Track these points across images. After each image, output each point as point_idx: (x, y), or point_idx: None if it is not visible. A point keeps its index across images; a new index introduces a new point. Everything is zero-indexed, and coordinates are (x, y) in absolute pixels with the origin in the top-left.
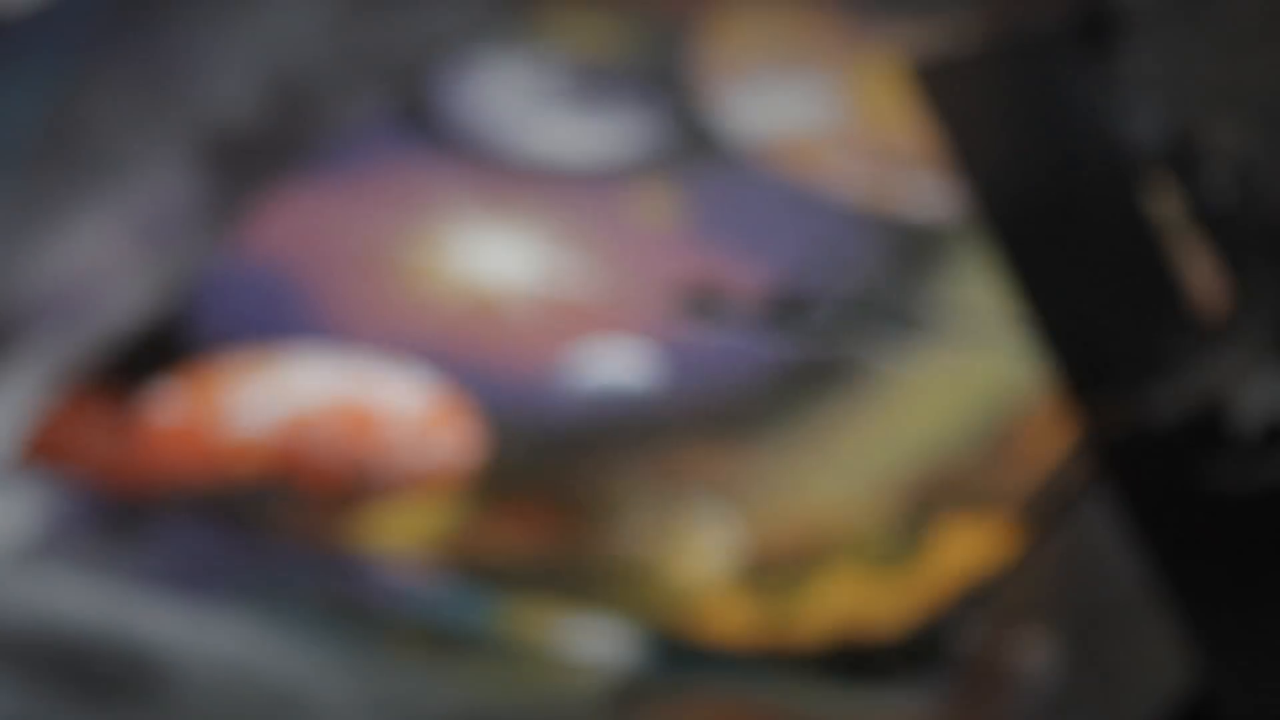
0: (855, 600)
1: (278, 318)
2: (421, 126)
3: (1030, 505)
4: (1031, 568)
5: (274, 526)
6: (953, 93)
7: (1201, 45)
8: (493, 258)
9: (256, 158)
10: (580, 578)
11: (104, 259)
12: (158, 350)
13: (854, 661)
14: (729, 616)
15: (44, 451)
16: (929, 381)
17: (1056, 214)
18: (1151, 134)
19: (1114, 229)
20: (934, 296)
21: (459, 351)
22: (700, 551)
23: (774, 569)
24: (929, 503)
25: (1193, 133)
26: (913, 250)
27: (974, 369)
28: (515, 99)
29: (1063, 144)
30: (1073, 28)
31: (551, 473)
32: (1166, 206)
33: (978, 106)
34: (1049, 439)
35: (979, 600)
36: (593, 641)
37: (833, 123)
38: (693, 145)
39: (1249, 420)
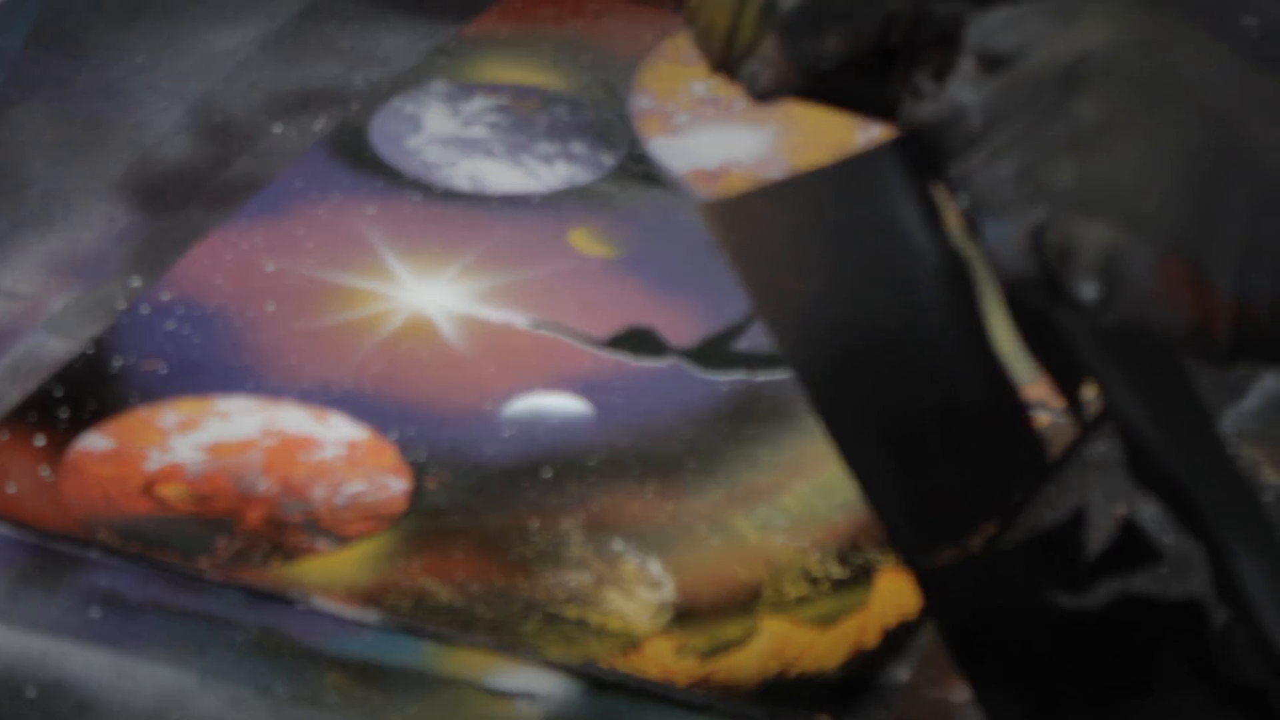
0: (787, 639)
1: (205, 354)
2: (355, 160)
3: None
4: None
5: (200, 563)
6: (749, 228)
7: (1053, 146)
8: (425, 293)
9: (184, 192)
10: (512, 615)
11: (29, 294)
12: (83, 387)
13: (787, 699)
14: (661, 654)
15: None
16: None
17: (873, 351)
18: (1007, 242)
19: (942, 361)
20: None
21: (389, 389)
22: (633, 590)
23: (706, 607)
24: (859, 543)
25: (1054, 234)
26: None
27: None
28: (450, 133)
29: (883, 272)
30: (899, 147)
31: (482, 512)
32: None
33: (778, 241)
34: None
35: (909, 638)
36: (524, 679)
37: (764, 157)
38: (630, 179)
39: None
